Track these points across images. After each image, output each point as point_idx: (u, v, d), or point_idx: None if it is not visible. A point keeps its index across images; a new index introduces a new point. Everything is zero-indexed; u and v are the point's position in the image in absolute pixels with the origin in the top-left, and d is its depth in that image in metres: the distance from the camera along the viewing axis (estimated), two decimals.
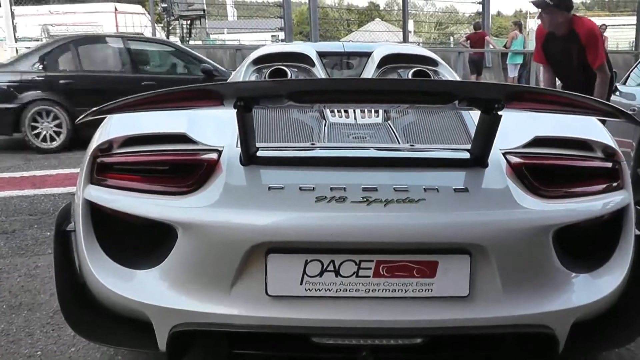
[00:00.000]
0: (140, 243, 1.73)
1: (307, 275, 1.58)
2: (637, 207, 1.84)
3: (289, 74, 2.73)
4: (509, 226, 1.61)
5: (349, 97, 1.65)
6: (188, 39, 14.80)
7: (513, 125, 1.77)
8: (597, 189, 1.78)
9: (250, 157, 1.70)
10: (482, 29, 12.95)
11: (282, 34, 12.23)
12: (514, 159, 1.75)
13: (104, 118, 1.92)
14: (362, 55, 3.17)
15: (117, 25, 18.84)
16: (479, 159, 1.71)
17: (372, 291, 1.59)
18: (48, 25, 16.51)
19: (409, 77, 2.73)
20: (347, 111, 2.24)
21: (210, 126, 1.85)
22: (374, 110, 2.27)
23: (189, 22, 14.56)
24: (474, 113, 1.99)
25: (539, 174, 1.73)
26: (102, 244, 1.73)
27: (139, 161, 1.74)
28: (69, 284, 1.81)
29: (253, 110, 1.61)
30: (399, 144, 1.95)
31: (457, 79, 3.17)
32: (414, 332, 1.63)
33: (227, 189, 1.64)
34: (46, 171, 5.75)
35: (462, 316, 1.61)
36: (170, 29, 15.30)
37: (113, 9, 18.91)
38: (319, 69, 2.90)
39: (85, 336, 1.81)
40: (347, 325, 1.61)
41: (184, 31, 15.00)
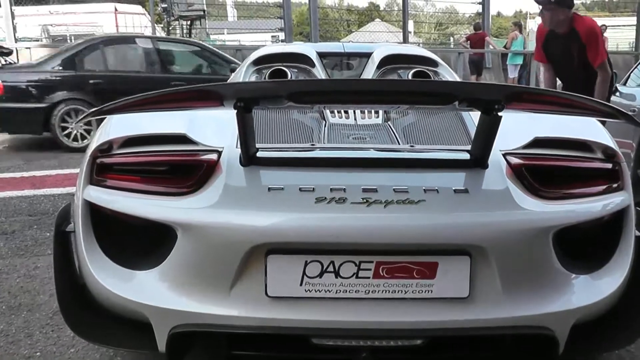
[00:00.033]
0: (140, 244, 1.72)
1: (307, 276, 1.58)
2: (637, 208, 1.84)
3: (289, 75, 2.72)
4: (509, 227, 1.61)
5: (349, 97, 1.65)
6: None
7: (513, 126, 1.77)
8: (597, 190, 1.77)
9: (250, 157, 1.69)
10: (482, 30, 12.94)
11: (282, 35, 12.22)
12: (514, 160, 1.74)
13: (104, 118, 1.92)
14: (362, 56, 3.17)
15: (117, 26, 18.85)
16: (479, 160, 1.71)
17: (372, 292, 1.59)
18: (48, 25, 16.52)
19: (409, 78, 2.72)
20: (347, 112, 2.23)
21: (210, 127, 1.85)
22: (374, 110, 2.26)
23: (189, 22, 14.56)
24: (474, 114, 1.99)
25: (539, 175, 1.72)
26: (102, 245, 1.73)
27: (138, 162, 1.74)
28: (68, 285, 1.80)
29: (253, 110, 1.61)
30: (399, 144, 1.95)
31: (457, 79, 3.17)
32: (413, 333, 1.63)
33: (226, 189, 1.64)
34: (46, 171, 5.74)
35: (462, 317, 1.61)
36: (170, 29, 15.29)
37: (113, 9, 18.92)
38: (319, 70, 2.90)
39: (84, 337, 1.81)
40: (347, 327, 1.61)
41: (184, 31, 15.00)
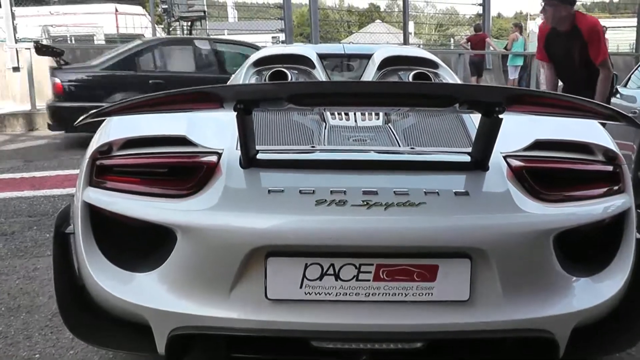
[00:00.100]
0: (140, 246, 1.72)
1: (307, 279, 1.57)
2: (638, 210, 1.84)
3: (289, 76, 2.72)
4: (509, 230, 1.60)
5: (349, 99, 1.64)
6: None
7: (514, 128, 1.77)
8: (598, 192, 1.77)
9: (250, 159, 1.69)
10: (483, 31, 12.94)
11: (282, 36, 12.21)
12: (515, 162, 1.74)
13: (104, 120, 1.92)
14: (363, 58, 3.16)
15: (117, 27, 18.87)
16: (480, 162, 1.70)
17: (372, 295, 1.58)
18: (48, 26, 16.53)
19: (410, 80, 2.72)
20: (347, 114, 2.23)
21: (210, 128, 1.84)
22: (374, 112, 2.26)
23: (189, 23, 14.55)
24: (474, 116, 1.99)
25: (539, 177, 1.72)
26: (101, 247, 1.72)
27: (138, 163, 1.73)
28: (67, 287, 1.80)
29: (253, 112, 1.61)
30: (400, 146, 1.94)
31: (458, 81, 3.16)
32: (414, 336, 1.62)
33: (226, 191, 1.63)
34: (46, 172, 5.73)
35: (462, 320, 1.60)
36: (171, 30, 15.29)
37: (114, 10, 18.95)
38: (319, 71, 2.89)
39: (83, 339, 1.80)
40: (347, 329, 1.60)
41: (185, 32, 15.00)
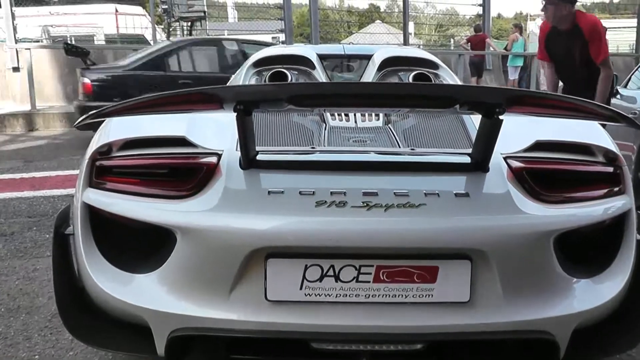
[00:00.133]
0: (139, 247, 1.71)
1: (307, 280, 1.57)
2: (638, 212, 1.83)
3: (290, 77, 2.71)
4: (510, 231, 1.60)
5: (349, 101, 1.64)
6: None
7: (514, 129, 1.76)
8: (598, 194, 1.77)
9: (250, 160, 1.68)
10: (483, 32, 12.93)
11: (282, 36, 12.21)
12: (515, 164, 1.73)
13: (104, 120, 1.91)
14: (363, 58, 3.16)
15: (117, 27, 18.86)
16: (480, 163, 1.70)
17: (372, 296, 1.58)
18: (48, 26, 16.54)
19: (410, 81, 2.71)
20: (347, 115, 2.23)
21: (210, 129, 1.84)
22: (374, 113, 2.26)
23: (189, 23, 14.55)
24: (474, 117, 1.98)
25: (540, 178, 1.71)
26: (101, 248, 1.72)
27: (138, 164, 1.73)
28: (67, 288, 1.79)
29: (253, 113, 1.60)
30: (400, 148, 1.94)
31: (458, 82, 3.16)
32: (414, 337, 1.62)
33: (226, 193, 1.63)
34: (45, 173, 5.73)
35: (462, 322, 1.60)
36: (171, 30, 15.29)
37: (114, 10, 18.95)
38: (319, 72, 2.89)
39: (83, 340, 1.80)
40: (346, 331, 1.60)
41: (185, 33, 15.00)
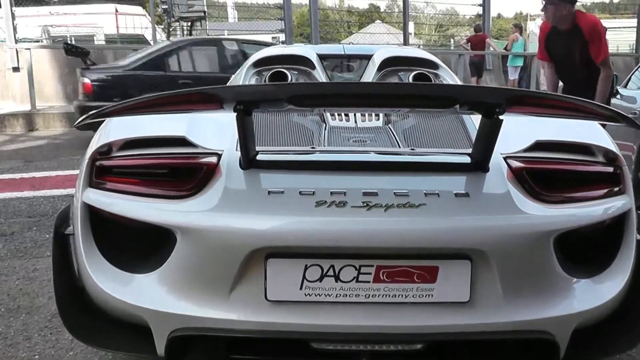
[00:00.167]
0: (139, 247, 1.71)
1: (307, 280, 1.57)
2: (638, 212, 1.83)
3: (290, 77, 2.71)
4: (510, 231, 1.60)
5: (349, 101, 1.64)
6: None
7: (514, 129, 1.76)
8: (598, 194, 1.77)
9: (250, 160, 1.68)
10: (483, 32, 12.93)
11: (282, 36, 12.21)
12: (515, 164, 1.73)
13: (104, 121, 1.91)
14: (363, 58, 3.16)
15: (117, 27, 18.85)
16: (480, 163, 1.70)
17: (372, 296, 1.58)
18: (48, 26, 16.53)
19: (410, 81, 2.71)
20: (347, 114, 2.23)
21: (210, 129, 1.84)
22: (374, 113, 2.26)
23: (189, 23, 14.56)
24: (474, 117, 1.98)
25: (540, 178, 1.71)
26: (101, 248, 1.72)
27: (138, 164, 1.73)
28: (67, 288, 1.79)
29: (253, 113, 1.60)
30: (400, 147, 1.94)
31: (458, 82, 3.16)
32: (414, 337, 1.62)
33: (226, 193, 1.63)
34: (45, 173, 5.73)
35: (462, 322, 1.60)
36: (171, 30, 15.29)
37: (114, 10, 18.96)
38: (319, 72, 2.89)
39: (83, 340, 1.80)
40: (346, 331, 1.60)
41: (185, 33, 15.00)
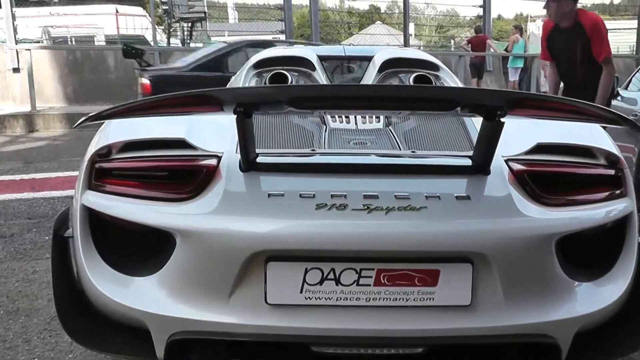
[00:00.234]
0: (139, 250, 1.71)
1: (307, 284, 1.56)
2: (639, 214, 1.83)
3: (290, 79, 2.71)
4: (511, 234, 1.59)
5: (350, 103, 1.63)
6: (189, 41, 14.81)
7: (515, 132, 1.75)
8: (600, 196, 1.76)
9: (250, 163, 1.68)
10: (483, 33, 12.93)
11: (282, 37, 12.21)
12: (516, 166, 1.73)
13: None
14: (363, 60, 3.15)
15: (117, 28, 18.87)
16: (481, 166, 1.69)
17: (372, 300, 1.57)
18: (49, 27, 16.54)
19: (410, 82, 2.71)
20: (347, 117, 2.22)
21: (210, 131, 1.83)
22: (374, 115, 2.25)
23: (189, 24, 14.58)
24: (475, 119, 1.98)
25: (541, 181, 1.71)
26: (100, 251, 1.71)
27: (137, 167, 1.72)
28: (66, 291, 1.79)
29: (253, 115, 1.59)
30: (400, 150, 1.93)
31: (459, 83, 3.15)
32: (415, 341, 1.61)
33: (226, 195, 1.62)
34: (45, 174, 5.72)
35: (463, 325, 1.59)
36: (172, 31, 15.30)
37: (114, 11, 18.97)
38: (319, 74, 2.88)
39: (82, 343, 1.79)
40: (347, 334, 1.59)
41: (185, 34, 15.01)
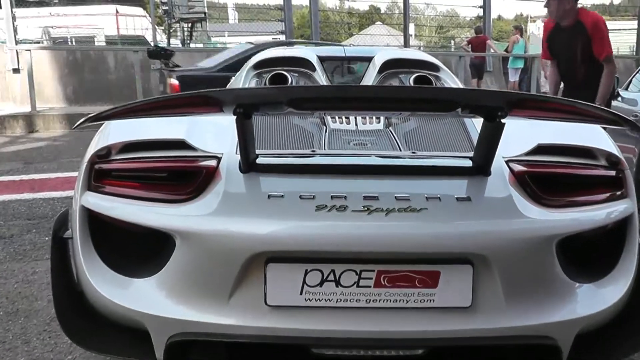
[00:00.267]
0: (138, 251, 1.70)
1: (307, 285, 1.56)
2: None
3: (290, 79, 2.70)
4: (511, 236, 1.58)
5: (350, 104, 1.63)
6: (189, 41, 14.82)
7: (516, 133, 1.75)
8: (601, 197, 1.75)
9: (250, 164, 1.67)
10: (483, 33, 12.92)
11: (282, 37, 12.22)
12: (517, 167, 1.72)
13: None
14: (363, 60, 3.16)
15: (118, 28, 18.89)
16: (482, 167, 1.69)
17: (373, 301, 1.57)
18: (49, 27, 16.55)
19: (411, 83, 2.71)
20: (347, 117, 2.22)
21: (210, 132, 1.83)
22: (375, 116, 2.25)
23: (190, 24, 14.58)
24: (476, 120, 1.97)
25: (542, 182, 1.70)
26: (100, 252, 1.71)
27: (137, 168, 1.72)
28: (66, 292, 1.78)
29: (253, 116, 1.59)
30: (401, 151, 1.92)
31: (459, 84, 3.15)
32: (415, 343, 1.60)
33: (226, 196, 1.62)
34: (45, 175, 5.72)
35: (464, 327, 1.59)
36: (172, 31, 15.30)
37: (114, 12, 18.99)
38: (319, 74, 2.88)
39: (82, 345, 1.78)
40: (347, 336, 1.59)
41: (185, 34, 15.02)
